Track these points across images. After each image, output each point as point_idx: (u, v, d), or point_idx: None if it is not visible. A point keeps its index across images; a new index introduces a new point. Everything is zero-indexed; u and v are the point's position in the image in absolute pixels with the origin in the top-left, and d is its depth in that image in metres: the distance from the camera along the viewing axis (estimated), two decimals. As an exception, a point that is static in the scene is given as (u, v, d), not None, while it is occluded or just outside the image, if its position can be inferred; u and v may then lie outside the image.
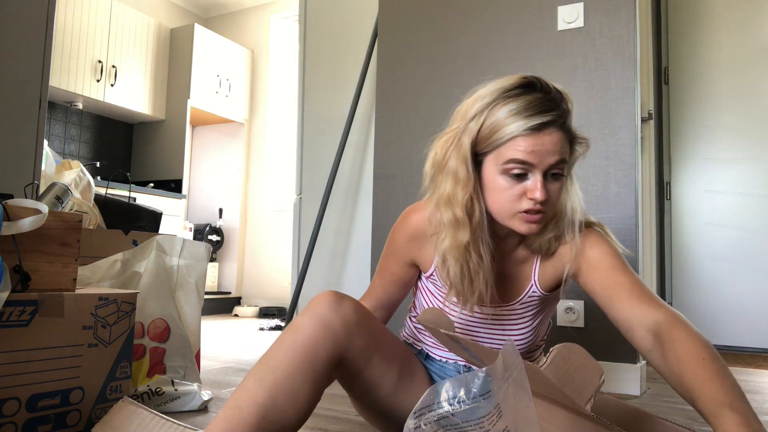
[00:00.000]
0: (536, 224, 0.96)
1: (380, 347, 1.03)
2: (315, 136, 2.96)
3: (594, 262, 1.03)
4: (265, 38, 5.26)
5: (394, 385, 1.05)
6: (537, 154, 0.91)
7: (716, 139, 3.24)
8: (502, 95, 0.94)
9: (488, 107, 0.94)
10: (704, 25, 3.31)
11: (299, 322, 0.95)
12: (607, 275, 1.01)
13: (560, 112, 0.93)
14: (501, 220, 0.99)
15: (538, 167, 0.92)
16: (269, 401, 0.86)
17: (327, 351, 0.93)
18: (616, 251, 1.04)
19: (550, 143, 0.91)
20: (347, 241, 2.81)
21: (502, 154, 0.93)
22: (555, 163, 0.93)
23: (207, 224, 4.89)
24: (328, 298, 0.97)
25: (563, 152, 0.94)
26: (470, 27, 2.23)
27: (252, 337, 3.21)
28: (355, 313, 0.98)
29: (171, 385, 1.48)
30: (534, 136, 0.91)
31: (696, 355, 0.83)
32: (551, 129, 0.92)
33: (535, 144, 0.91)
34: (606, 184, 1.92)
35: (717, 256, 3.18)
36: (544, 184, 0.93)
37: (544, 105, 0.92)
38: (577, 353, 0.81)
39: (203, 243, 1.68)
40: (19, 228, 1.13)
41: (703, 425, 1.45)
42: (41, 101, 1.93)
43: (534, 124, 0.91)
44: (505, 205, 0.96)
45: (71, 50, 4.15)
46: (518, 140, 0.91)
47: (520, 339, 1.14)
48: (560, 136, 0.93)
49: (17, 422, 1.13)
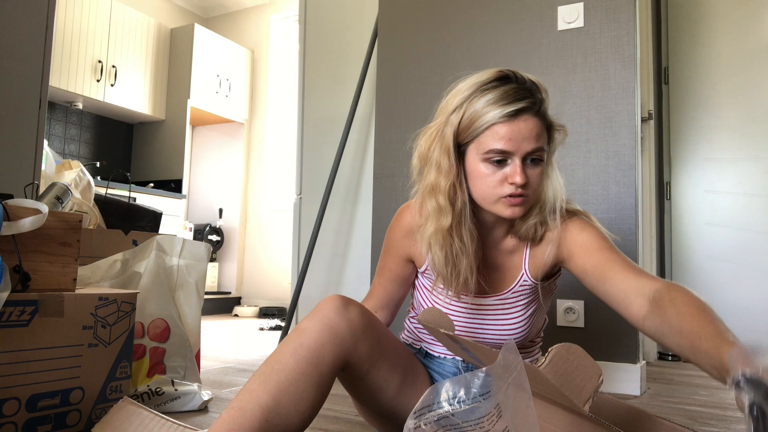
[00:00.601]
0: (519, 207, 1.01)
1: (384, 352, 1.04)
2: (315, 136, 2.96)
3: (584, 244, 1.05)
4: (265, 38, 5.26)
5: (397, 388, 1.06)
6: (514, 141, 0.96)
7: (716, 139, 3.24)
8: (479, 88, 0.99)
9: (467, 100, 1.00)
10: (704, 25, 3.31)
11: (305, 326, 0.95)
12: (599, 254, 1.03)
13: (534, 100, 0.98)
14: (485, 206, 1.04)
15: (516, 153, 0.97)
16: (273, 404, 0.87)
17: (332, 355, 0.93)
18: (603, 234, 1.07)
19: (526, 129, 0.97)
20: (347, 241, 2.81)
21: (482, 143, 0.99)
22: (533, 150, 0.98)
23: (207, 224, 4.89)
24: (334, 302, 0.97)
25: (540, 138, 0.98)
26: (470, 27, 2.23)
27: (252, 337, 3.21)
28: (362, 318, 0.98)
29: (171, 385, 1.48)
30: (510, 122, 0.96)
31: (697, 305, 0.85)
32: (526, 115, 0.97)
33: (511, 131, 0.96)
34: (606, 184, 1.92)
35: (717, 256, 3.18)
36: (523, 169, 0.98)
37: (519, 94, 0.97)
38: (575, 353, 0.81)
39: (203, 243, 1.68)
40: (19, 228, 1.13)
41: (703, 425, 1.45)
42: (41, 101, 1.93)
43: (510, 111, 0.96)
44: (488, 191, 1.01)
45: (71, 50, 4.15)
46: (496, 128, 0.97)
47: (514, 331, 1.15)
48: (536, 122, 0.98)
49: (17, 422, 1.13)
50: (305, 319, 0.97)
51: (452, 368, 1.18)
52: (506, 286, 1.14)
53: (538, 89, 1.00)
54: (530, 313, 1.15)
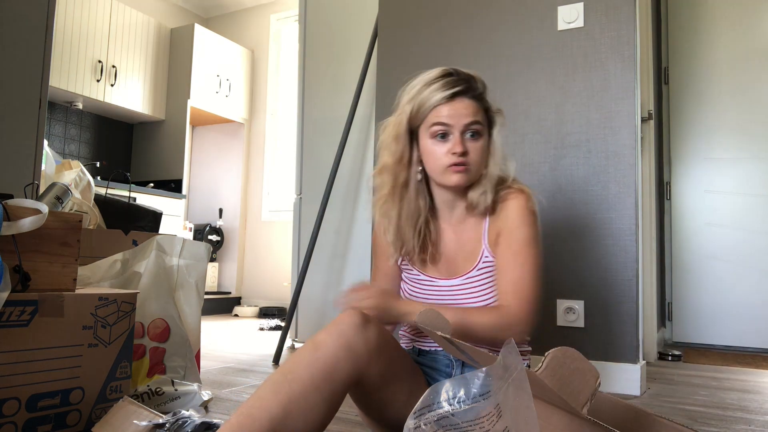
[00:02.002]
0: (462, 174, 1.15)
1: (396, 370, 1.05)
2: (315, 136, 2.95)
3: (507, 228, 1.18)
4: (265, 38, 5.26)
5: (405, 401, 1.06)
6: (453, 116, 1.14)
7: (716, 139, 3.24)
8: (427, 82, 1.17)
9: (418, 92, 1.18)
10: (704, 25, 3.31)
11: (322, 339, 0.95)
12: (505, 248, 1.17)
13: (470, 86, 1.17)
14: (437, 178, 1.19)
15: (455, 127, 1.14)
16: (282, 415, 0.86)
17: (347, 372, 0.93)
18: (532, 224, 1.18)
19: (462, 107, 1.15)
20: (347, 241, 2.81)
21: (428, 121, 1.17)
22: (469, 123, 1.15)
23: (207, 224, 4.89)
24: (354, 319, 0.97)
25: (476, 115, 1.16)
26: (470, 27, 2.23)
27: (252, 337, 3.21)
28: (379, 338, 0.98)
29: (171, 385, 1.48)
30: (450, 103, 1.15)
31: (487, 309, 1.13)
32: (462, 97, 1.15)
33: (450, 108, 1.15)
34: (606, 184, 1.92)
35: (717, 256, 3.17)
36: (462, 141, 1.15)
37: (457, 82, 1.16)
38: (572, 357, 0.81)
39: (203, 243, 1.68)
40: (19, 228, 1.13)
41: (703, 425, 1.45)
42: (41, 101, 1.93)
43: (448, 93, 1.14)
44: (437, 163, 1.16)
45: (71, 50, 4.15)
46: (439, 108, 1.15)
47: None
48: (471, 103, 1.16)
49: (17, 422, 1.13)
50: (323, 332, 0.96)
51: (445, 362, 1.20)
52: (471, 265, 1.20)
53: (474, 80, 1.18)
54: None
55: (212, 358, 2.41)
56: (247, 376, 2.01)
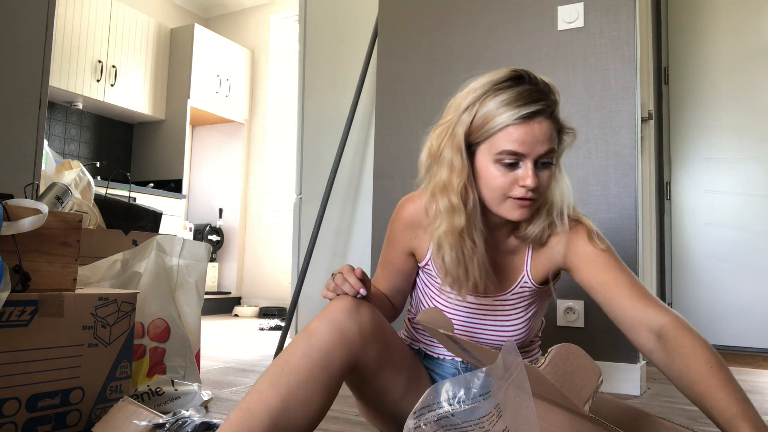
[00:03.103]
0: (527, 209, 1.00)
1: (392, 355, 1.03)
2: (315, 136, 2.96)
3: (590, 258, 1.05)
4: (265, 38, 5.26)
5: (402, 391, 1.06)
6: (527, 143, 0.95)
7: (716, 139, 3.24)
8: (493, 87, 0.98)
9: (480, 99, 0.98)
10: (704, 25, 3.31)
11: (316, 328, 0.94)
12: (605, 272, 1.03)
13: (549, 102, 0.97)
14: (493, 207, 1.02)
15: (528, 156, 0.96)
16: (282, 407, 0.86)
17: (342, 358, 0.93)
18: (611, 249, 1.06)
19: (539, 132, 0.95)
20: (347, 241, 2.81)
21: (494, 144, 0.97)
22: (545, 152, 0.97)
23: (207, 224, 4.89)
24: (345, 304, 0.96)
25: (552, 141, 0.98)
26: (470, 27, 2.23)
27: (252, 337, 3.21)
28: (372, 322, 0.97)
29: (171, 385, 1.48)
30: (524, 125, 0.95)
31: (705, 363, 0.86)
32: (540, 118, 0.96)
33: (525, 133, 0.95)
34: (606, 184, 1.92)
35: (717, 256, 3.17)
36: (534, 172, 0.97)
37: (533, 95, 0.96)
38: (575, 354, 0.81)
39: (203, 243, 1.68)
40: (19, 228, 1.13)
41: (703, 425, 1.45)
42: (41, 101, 1.93)
43: (524, 113, 0.94)
44: (498, 192, 0.99)
45: (71, 50, 4.15)
46: (509, 129, 0.95)
47: (513, 332, 1.14)
48: (549, 125, 0.97)
49: (17, 422, 1.13)
50: (315, 320, 0.95)
51: (451, 369, 1.18)
52: (507, 287, 1.13)
53: (551, 91, 0.99)
54: (530, 315, 1.15)
55: (212, 358, 2.41)
56: (247, 376, 2.01)
